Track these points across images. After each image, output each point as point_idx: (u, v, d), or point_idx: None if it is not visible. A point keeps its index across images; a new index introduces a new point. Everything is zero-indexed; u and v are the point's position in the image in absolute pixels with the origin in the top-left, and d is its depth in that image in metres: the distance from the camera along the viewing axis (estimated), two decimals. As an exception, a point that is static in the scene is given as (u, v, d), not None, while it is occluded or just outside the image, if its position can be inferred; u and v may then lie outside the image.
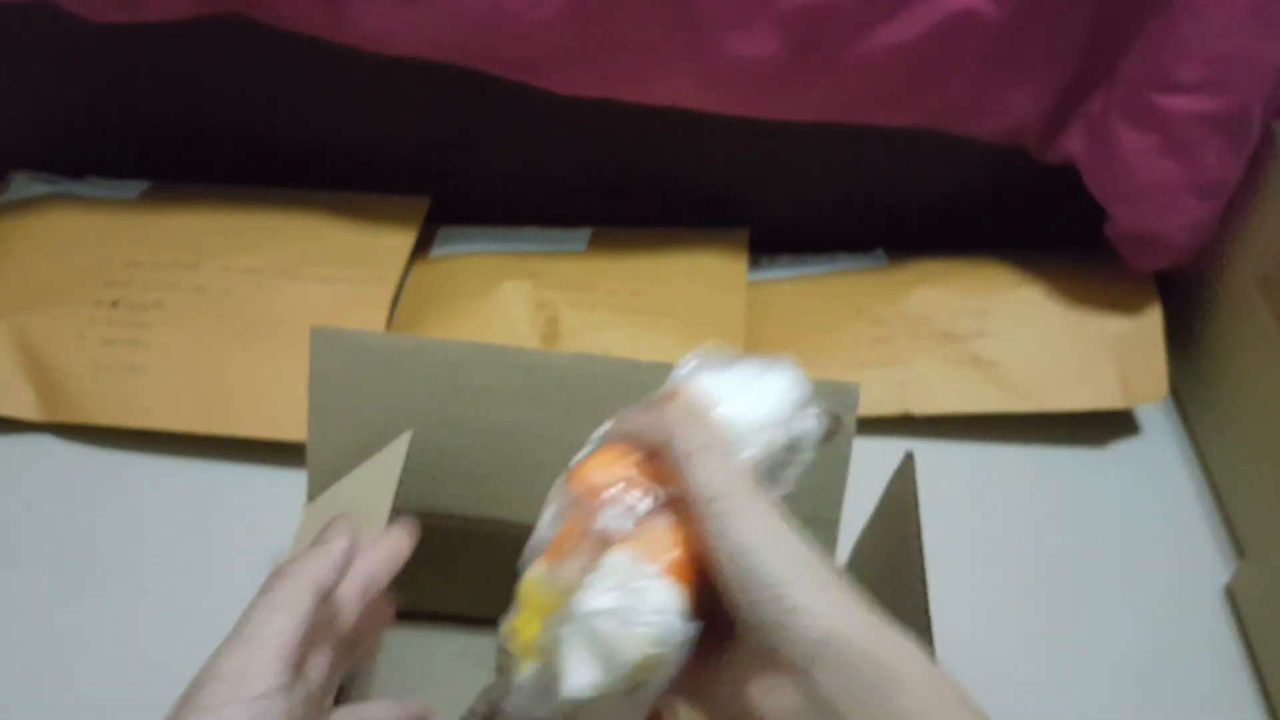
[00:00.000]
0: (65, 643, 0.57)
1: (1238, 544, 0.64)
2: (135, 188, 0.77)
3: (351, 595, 0.41)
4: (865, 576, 0.50)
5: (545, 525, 0.39)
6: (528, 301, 0.71)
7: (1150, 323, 0.70)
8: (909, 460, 0.47)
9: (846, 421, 0.50)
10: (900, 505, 0.47)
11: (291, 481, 0.54)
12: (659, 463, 0.37)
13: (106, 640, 0.57)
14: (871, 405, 0.68)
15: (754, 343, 0.71)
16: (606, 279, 0.73)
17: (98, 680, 0.55)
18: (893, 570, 0.47)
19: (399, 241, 0.74)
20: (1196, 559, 0.64)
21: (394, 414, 0.51)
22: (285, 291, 0.70)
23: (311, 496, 0.52)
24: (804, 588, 0.32)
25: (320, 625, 0.38)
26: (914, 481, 0.46)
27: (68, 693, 0.54)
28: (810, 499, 0.51)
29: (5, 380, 0.66)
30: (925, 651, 0.33)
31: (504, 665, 0.38)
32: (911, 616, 0.43)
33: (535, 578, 0.38)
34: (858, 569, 0.52)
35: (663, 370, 0.50)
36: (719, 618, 0.35)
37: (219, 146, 0.77)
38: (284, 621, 0.36)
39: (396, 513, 0.52)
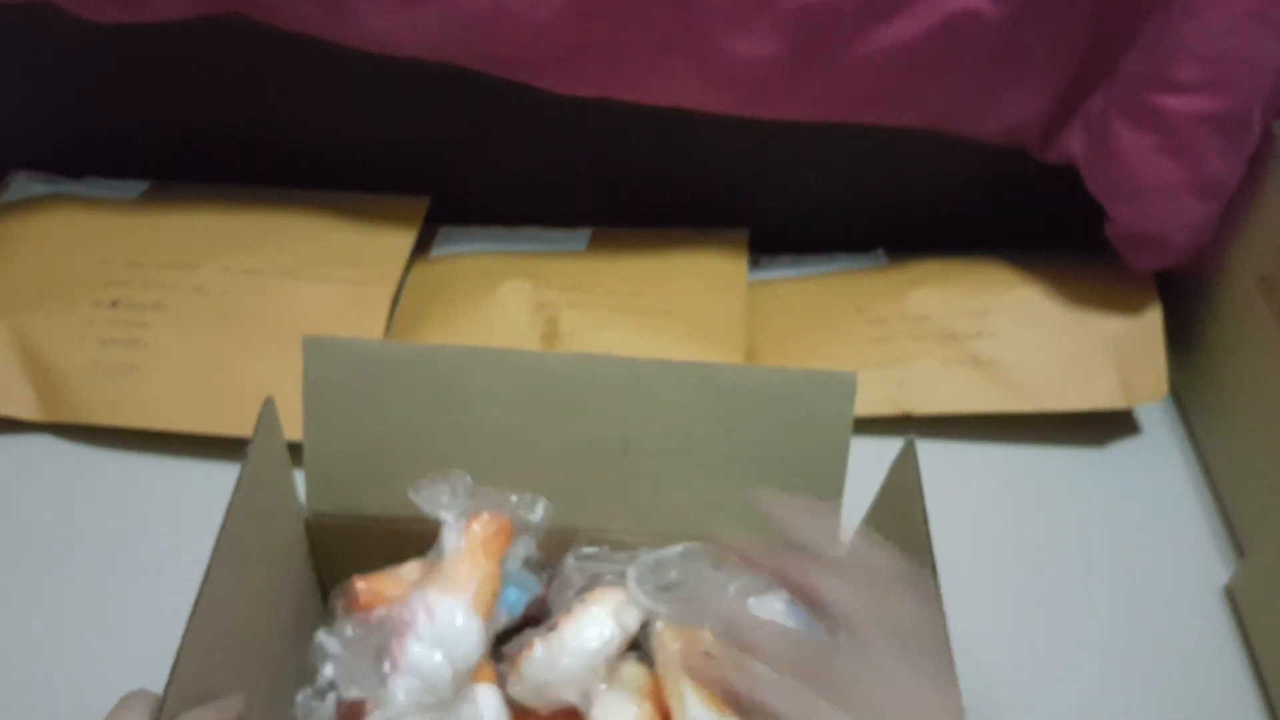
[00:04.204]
0: (64, 643, 0.57)
1: (1238, 544, 0.64)
2: (135, 188, 0.77)
3: None
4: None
5: None
6: (528, 302, 0.71)
7: (1150, 323, 0.70)
8: (910, 446, 0.47)
9: (843, 409, 0.50)
10: (903, 491, 0.47)
11: (291, 481, 0.54)
12: None
13: (106, 640, 0.57)
14: (871, 405, 0.68)
15: (754, 343, 0.71)
16: (606, 279, 0.73)
17: (97, 680, 0.55)
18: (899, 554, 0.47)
19: (399, 241, 0.74)
20: (1196, 559, 0.64)
21: (391, 421, 0.51)
22: (285, 291, 0.70)
23: (310, 503, 0.52)
24: None
25: None
26: (916, 467, 0.46)
27: (68, 692, 0.54)
28: (810, 488, 0.51)
29: (5, 380, 0.66)
30: None
31: None
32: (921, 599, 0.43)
33: None
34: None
35: (662, 369, 0.50)
36: None
37: (219, 146, 0.77)
38: None
39: (397, 520, 0.52)
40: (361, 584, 0.47)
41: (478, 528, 0.48)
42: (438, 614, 0.44)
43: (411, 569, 0.49)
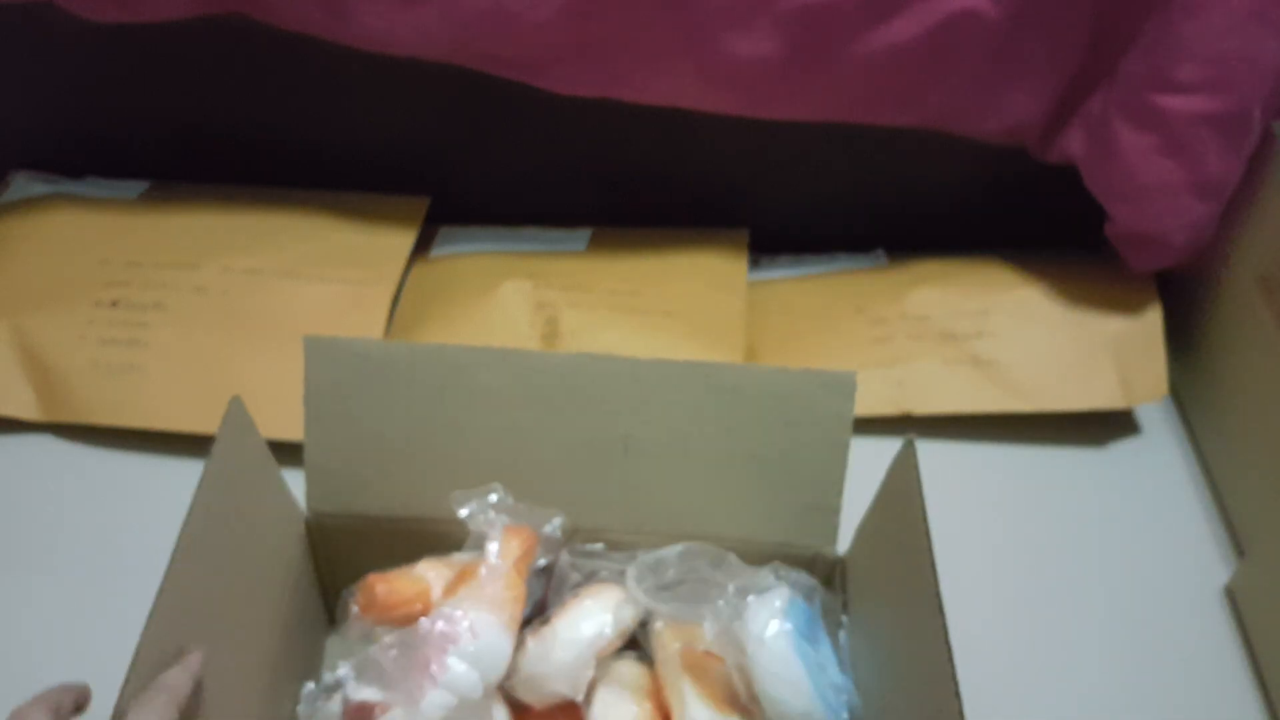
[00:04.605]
0: (64, 642, 0.57)
1: (1238, 544, 0.64)
2: (135, 188, 0.77)
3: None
4: (870, 561, 0.50)
5: None
6: (528, 301, 0.71)
7: (1150, 323, 0.70)
8: (909, 446, 0.47)
9: (843, 409, 0.50)
10: (903, 491, 0.47)
11: (290, 481, 0.54)
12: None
13: (105, 640, 0.57)
14: (871, 405, 0.68)
15: (754, 343, 0.71)
16: (606, 279, 0.73)
17: (97, 680, 0.55)
18: (898, 554, 0.47)
19: (399, 241, 0.74)
20: (1196, 559, 0.64)
21: (391, 421, 0.51)
22: (285, 291, 0.70)
23: (310, 503, 0.52)
24: None
25: None
26: (916, 467, 0.46)
27: (67, 692, 0.54)
28: (810, 486, 0.51)
29: (5, 380, 0.66)
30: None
31: None
32: (921, 597, 0.43)
33: None
34: (861, 554, 0.52)
35: (662, 369, 0.51)
36: None
37: (219, 146, 0.77)
38: None
39: (397, 519, 0.52)
40: (381, 585, 0.47)
41: (516, 545, 0.48)
42: (482, 634, 0.45)
43: (426, 568, 0.49)
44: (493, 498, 0.49)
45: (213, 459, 0.45)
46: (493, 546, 0.48)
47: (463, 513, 0.49)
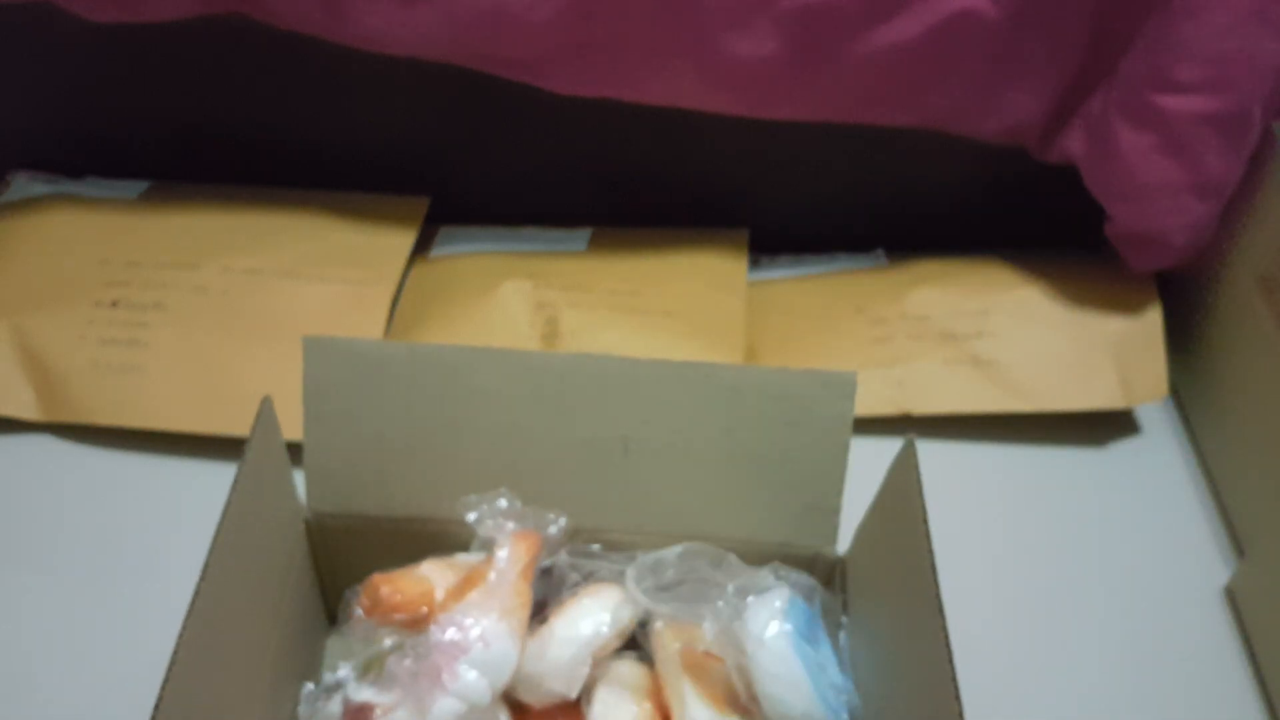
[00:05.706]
0: (64, 643, 0.57)
1: (1238, 544, 0.64)
2: (135, 188, 0.77)
3: None
4: (870, 561, 0.50)
5: None
6: (528, 301, 0.71)
7: (1150, 323, 0.70)
8: (910, 446, 0.47)
9: (843, 409, 0.50)
10: (903, 491, 0.47)
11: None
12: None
13: (106, 641, 0.57)
14: (870, 405, 0.68)
15: (754, 343, 0.71)
16: (606, 279, 0.73)
17: (97, 680, 0.55)
18: (898, 554, 0.47)
19: (399, 241, 0.74)
20: (1196, 559, 0.64)
21: (391, 421, 0.51)
22: (285, 291, 0.70)
23: (310, 503, 0.52)
24: None
25: None
26: (916, 467, 0.46)
27: (67, 695, 0.54)
28: (810, 486, 0.51)
29: (5, 380, 0.66)
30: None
31: None
32: (921, 597, 0.43)
33: None
34: (861, 554, 0.52)
35: (662, 369, 0.51)
36: None
37: (219, 146, 0.77)
38: None
39: (397, 519, 0.52)
40: (386, 586, 0.47)
41: (524, 550, 0.48)
42: (492, 642, 0.45)
43: (430, 569, 0.49)
44: (501, 503, 0.49)
45: (246, 461, 0.46)
46: (502, 554, 0.48)
47: (470, 517, 0.49)
